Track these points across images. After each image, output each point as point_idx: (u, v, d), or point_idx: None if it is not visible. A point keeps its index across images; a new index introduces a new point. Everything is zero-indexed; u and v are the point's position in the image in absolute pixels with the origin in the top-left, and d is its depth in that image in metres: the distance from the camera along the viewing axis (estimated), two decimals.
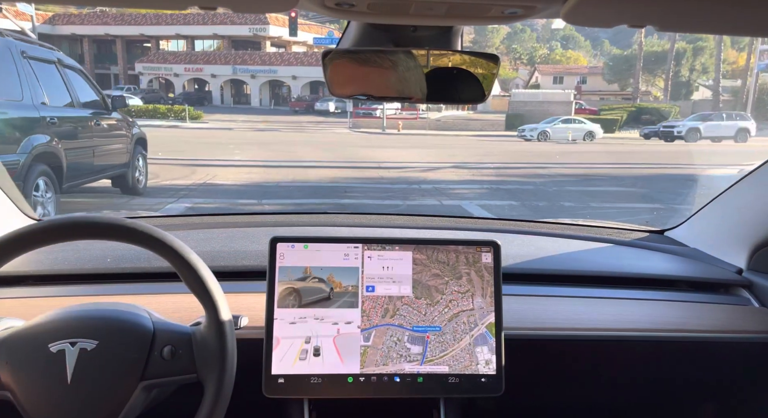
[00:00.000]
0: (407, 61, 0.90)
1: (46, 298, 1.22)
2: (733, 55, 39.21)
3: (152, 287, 1.26)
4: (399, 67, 0.91)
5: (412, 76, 0.91)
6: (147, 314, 0.94)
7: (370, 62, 0.90)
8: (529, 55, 62.80)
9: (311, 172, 10.71)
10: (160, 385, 0.90)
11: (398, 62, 0.91)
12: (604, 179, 11.07)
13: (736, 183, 1.48)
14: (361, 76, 0.92)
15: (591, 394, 1.39)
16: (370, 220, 1.72)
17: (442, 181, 9.93)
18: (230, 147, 14.49)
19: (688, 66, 37.30)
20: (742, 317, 1.34)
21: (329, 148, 15.52)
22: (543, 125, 21.42)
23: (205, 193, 8.03)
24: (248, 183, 9.13)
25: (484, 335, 1.11)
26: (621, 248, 1.62)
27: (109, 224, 0.87)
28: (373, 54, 0.90)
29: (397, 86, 0.92)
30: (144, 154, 7.49)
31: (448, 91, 0.95)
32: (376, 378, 1.08)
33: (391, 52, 0.90)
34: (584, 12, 0.59)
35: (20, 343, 0.88)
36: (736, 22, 0.63)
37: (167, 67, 38.19)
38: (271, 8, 0.63)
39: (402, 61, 0.90)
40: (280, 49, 40.34)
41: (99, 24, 38.57)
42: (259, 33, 37.24)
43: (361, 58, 0.90)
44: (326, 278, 1.11)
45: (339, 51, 0.91)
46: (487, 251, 1.14)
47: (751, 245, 1.43)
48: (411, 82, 0.92)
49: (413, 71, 0.91)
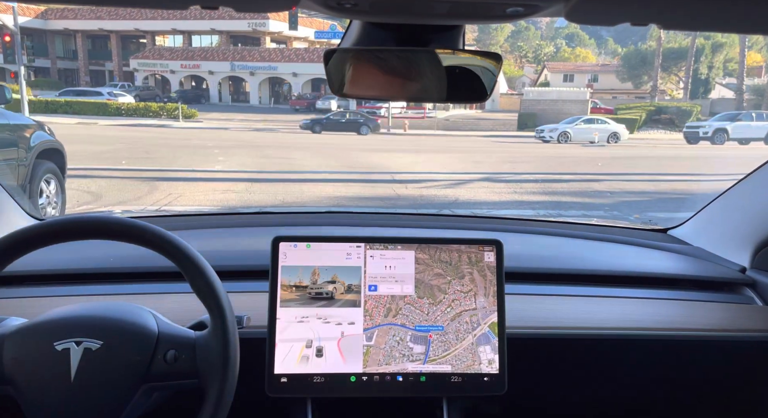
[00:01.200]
0: (409, 60, 0.91)
1: (49, 298, 1.23)
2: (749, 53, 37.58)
3: (156, 287, 1.28)
4: (401, 66, 0.91)
5: (414, 74, 0.91)
6: (152, 316, 0.96)
7: (373, 61, 0.90)
8: (534, 53, 61.65)
9: (307, 189, 8.67)
10: (161, 388, 0.92)
11: (400, 61, 0.91)
12: (697, 197, 8.75)
13: (740, 181, 1.50)
14: (364, 76, 0.92)
15: (594, 393, 1.39)
16: (372, 219, 1.75)
17: (478, 203, 7.77)
18: (215, 152, 12.77)
19: (706, 63, 35.94)
20: (745, 315, 1.36)
21: (331, 154, 13.63)
22: (563, 126, 20.06)
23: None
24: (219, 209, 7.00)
25: (486, 335, 1.13)
26: (624, 247, 1.63)
27: (118, 224, 0.89)
28: (376, 53, 0.90)
29: (399, 85, 0.93)
30: (57, 173, 5.35)
31: (450, 89, 0.94)
32: (378, 378, 1.10)
33: (393, 51, 0.90)
34: (587, 10, 0.60)
35: (26, 339, 0.90)
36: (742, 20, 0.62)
37: (163, 64, 37.93)
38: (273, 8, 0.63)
39: (404, 59, 0.91)
40: (280, 45, 39.13)
41: (93, 19, 38.30)
42: (259, 28, 36.62)
43: (363, 57, 0.90)
44: (329, 277, 1.12)
45: (341, 50, 0.91)
46: (490, 250, 1.16)
47: (754, 243, 1.45)
48: (413, 80, 0.92)
49: (415, 70, 0.91)
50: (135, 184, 8.25)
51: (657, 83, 35.54)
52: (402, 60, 0.90)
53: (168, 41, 41.81)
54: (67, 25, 38.27)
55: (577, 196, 8.57)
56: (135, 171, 9.46)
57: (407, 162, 12.28)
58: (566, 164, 12.97)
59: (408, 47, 0.88)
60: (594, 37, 70.79)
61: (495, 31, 58.14)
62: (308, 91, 35.86)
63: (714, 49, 36.12)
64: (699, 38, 34.62)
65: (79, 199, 6.87)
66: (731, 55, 37.33)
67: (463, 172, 10.99)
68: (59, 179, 5.40)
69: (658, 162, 13.97)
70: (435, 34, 0.87)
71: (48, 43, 40.06)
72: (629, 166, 13.05)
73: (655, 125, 27.39)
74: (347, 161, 12.17)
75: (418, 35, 0.87)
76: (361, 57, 0.90)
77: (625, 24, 0.63)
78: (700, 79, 36.23)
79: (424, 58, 0.89)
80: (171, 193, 7.58)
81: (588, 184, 9.93)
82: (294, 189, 8.52)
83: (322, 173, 10.16)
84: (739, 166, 10.51)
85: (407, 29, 0.86)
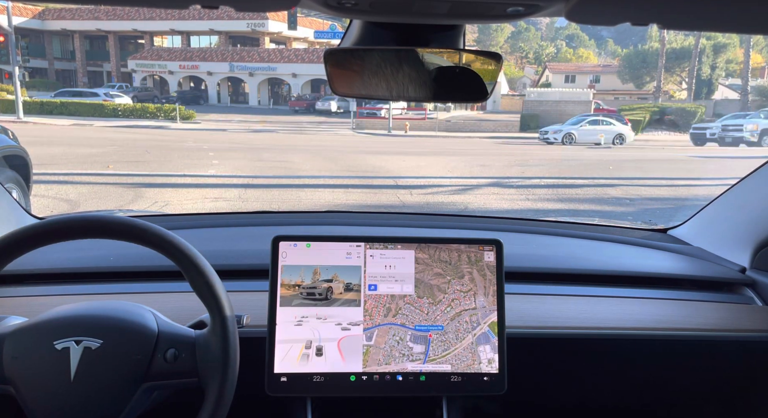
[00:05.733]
0: (410, 59, 0.91)
1: (49, 297, 1.24)
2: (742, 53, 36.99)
3: (156, 286, 1.28)
4: (401, 65, 0.91)
5: (414, 74, 0.92)
6: (152, 315, 0.96)
7: (373, 61, 0.91)
8: (535, 54, 61.20)
9: (305, 196, 8.00)
10: (161, 387, 0.92)
11: (401, 61, 0.91)
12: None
13: (740, 181, 1.50)
14: (364, 75, 0.92)
15: (594, 393, 1.39)
16: (372, 218, 1.75)
17: (490, 212, 7.25)
18: (210, 155, 12.12)
19: (709, 63, 35.37)
20: (745, 315, 1.35)
21: (331, 157, 12.99)
22: (568, 127, 19.40)
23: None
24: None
25: (486, 334, 1.13)
26: (624, 247, 1.63)
27: (119, 223, 0.90)
28: (376, 53, 0.90)
29: (399, 85, 0.93)
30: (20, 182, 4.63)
31: (451, 89, 0.95)
32: (378, 377, 1.10)
33: (394, 50, 0.91)
34: (587, 10, 0.59)
35: (27, 338, 0.90)
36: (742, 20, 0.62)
37: (161, 64, 37.85)
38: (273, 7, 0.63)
39: (404, 59, 0.91)
40: (279, 45, 38.65)
41: (90, 19, 37.96)
42: (258, 29, 36.24)
43: (364, 57, 0.91)
44: (329, 276, 1.13)
45: (341, 50, 0.92)
46: (490, 249, 1.16)
47: (754, 243, 1.45)
48: (413, 80, 0.92)
49: (416, 70, 0.91)
50: (119, 191, 7.74)
51: (661, 83, 34.93)
52: (402, 60, 0.90)
53: (166, 42, 41.60)
54: (65, 26, 38.05)
55: (594, 204, 8.03)
56: (121, 176, 8.94)
57: (410, 165, 11.78)
58: (575, 168, 12.45)
59: (408, 47, 0.89)
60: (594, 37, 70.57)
61: (495, 32, 57.79)
62: (308, 91, 35.67)
63: (716, 50, 35.70)
64: (701, 38, 34.05)
65: (53, 209, 6.31)
66: (732, 56, 36.82)
67: (470, 176, 10.48)
68: (22, 189, 4.75)
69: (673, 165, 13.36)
70: (435, 33, 0.87)
71: (45, 44, 39.64)
72: (641, 169, 12.50)
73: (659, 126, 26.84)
74: (347, 165, 11.56)
75: (418, 35, 0.87)
76: (362, 57, 0.90)
77: (625, 24, 0.63)
78: (703, 79, 35.73)
79: (425, 58, 0.90)
80: (157, 201, 7.06)
81: (603, 189, 9.38)
82: (291, 196, 7.97)
83: (321, 178, 9.56)
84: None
85: (407, 29, 0.86)
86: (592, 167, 12.45)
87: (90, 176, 8.65)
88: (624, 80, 40.27)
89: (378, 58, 0.89)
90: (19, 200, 3.33)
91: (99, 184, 8.05)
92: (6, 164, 4.82)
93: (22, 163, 5.02)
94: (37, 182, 6.80)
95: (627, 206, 7.79)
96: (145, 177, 8.96)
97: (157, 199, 7.18)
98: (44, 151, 10.61)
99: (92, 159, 10.67)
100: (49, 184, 7.62)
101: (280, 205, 7.23)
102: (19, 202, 1.54)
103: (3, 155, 4.81)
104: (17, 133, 5.31)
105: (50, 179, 7.93)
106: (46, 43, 39.71)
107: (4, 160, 4.82)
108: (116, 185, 8.04)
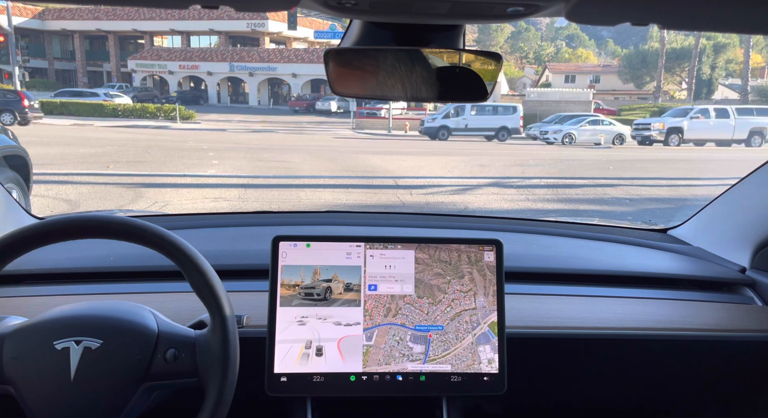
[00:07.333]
0: (410, 59, 0.91)
1: (49, 297, 1.24)
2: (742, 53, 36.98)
3: (156, 286, 1.28)
4: (401, 65, 0.91)
5: (414, 74, 0.91)
6: (152, 315, 0.96)
7: (373, 61, 0.91)
8: (535, 54, 61.16)
9: (305, 195, 7.95)
10: (161, 387, 0.92)
11: (401, 61, 0.91)
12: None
13: (740, 181, 1.50)
14: (364, 75, 0.92)
15: (594, 392, 1.39)
16: (372, 218, 1.75)
17: (490, 212, 7.23)
18: (210, 155, 12.09)
19: (709, 63, 35.36)
20: (745, 315, 1.35)
21: (330, 157, 12.98)
22: (568, 127, 19.29)
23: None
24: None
25: (486, 334, 1.13)
26: (624, 247, 1.63)
27: (119, 223, 0.90)
28: (376, 52, 0.90)
29: (399, 85, 0.93)
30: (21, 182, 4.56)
31: (451, 89, 0.95)
32: (378, 377, 1.10)
33: (394, 50, 0.91)
34: (587, 10, 0.59)
35: (26, 338, 0.90)
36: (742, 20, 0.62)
37: (161, 64, 37.92)
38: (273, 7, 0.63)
39: (405, 59, 0.91)
40: (279, 45, 38.66)
41: (90, 19, 37.92)
42: (258, 29, 36.23)
43: (364, 57, 0.91)
44: (329, 276, 1.13)
45: (341, 50, 0.91)
46: (490, 249, 1.16)
47: (754, 243, 1.45)
48: (413, 80, 0.92)
49: (416, 70, 0.91)
50: (119, 191, 7.70)
51: (661, 83, 34.93)
52: (402, 60, 0.90)
53: (166, 42, 41.68)
54: (65, 26, 38.11)
55: (595, 204, 8.00)
56: (121, 176, 8.91)
57: (410, 165, 11.77)
58: (575, 168, 12.50)
59: (408, 47, 0.88)
60: (594, 37, 70.53)
61: (495, 32, 57.79)
62: (308, 91, 35.71)
63: (716, 50, 35.73)
64: (701, 38, 34.05)
65: (53, 209, 6.28)
66: (732, 56, 36.83)
67: (470, 176, 10.46)
68: (22, 189, 4.74)
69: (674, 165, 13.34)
70: (435, 33, 0.87)
71: (45, 44, 39.65)
72: (641, 169, 12.46)
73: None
74: (347, 165, 11.54)
75: (418, 35, 0.87)
76: (362, 57, 0.90)
77: (625, 24, 0.62)
78: (703, 79, 35.75)
79: (425, 58, 0.90)
80: (157, 202, 7.01)
81: (603, 189, 9.39)
82: (291, 196, 7.91)
83: (321, 178, 9.52)
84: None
85: (407, 29, 0.86)
86: (592, 167, 12.46)
87: (90, 176, 8.64)
88: (624, 80, 40.32)
89: (378, 58, 0.90)
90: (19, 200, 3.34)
91: (99, 184, 8.03)
92: (6, 164, 4.84)
93: (22, 163, 5.04)
94: (37, 182, 6.81)
95: (627, 206, 7.78)
96: (145, 177, 8.94)
97: (157, 199, 7.14)
98: (44, 151, 10.62)
99: (92, 159, 10.66)
100: (49, 184, 7.62)
101: (280, 206, 7.19)
102: (19, 203, 1.54)
103: (3, 155, 4.84)
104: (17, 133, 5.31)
105: (50, 179, 7.92)
106: (46, 43, 39.72)
107: (4, 160, 4.85)
108: (116, 185, 8.01)
